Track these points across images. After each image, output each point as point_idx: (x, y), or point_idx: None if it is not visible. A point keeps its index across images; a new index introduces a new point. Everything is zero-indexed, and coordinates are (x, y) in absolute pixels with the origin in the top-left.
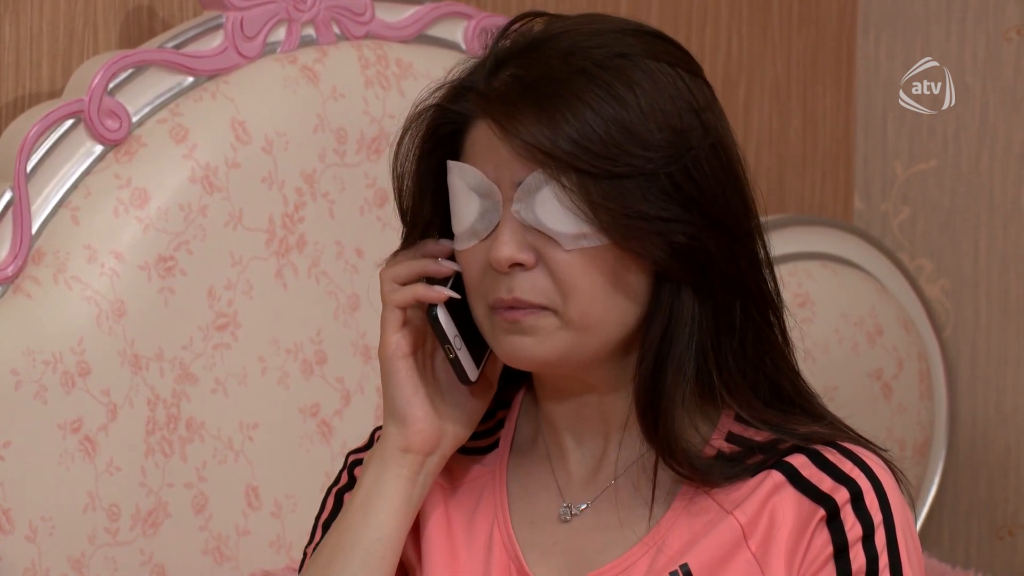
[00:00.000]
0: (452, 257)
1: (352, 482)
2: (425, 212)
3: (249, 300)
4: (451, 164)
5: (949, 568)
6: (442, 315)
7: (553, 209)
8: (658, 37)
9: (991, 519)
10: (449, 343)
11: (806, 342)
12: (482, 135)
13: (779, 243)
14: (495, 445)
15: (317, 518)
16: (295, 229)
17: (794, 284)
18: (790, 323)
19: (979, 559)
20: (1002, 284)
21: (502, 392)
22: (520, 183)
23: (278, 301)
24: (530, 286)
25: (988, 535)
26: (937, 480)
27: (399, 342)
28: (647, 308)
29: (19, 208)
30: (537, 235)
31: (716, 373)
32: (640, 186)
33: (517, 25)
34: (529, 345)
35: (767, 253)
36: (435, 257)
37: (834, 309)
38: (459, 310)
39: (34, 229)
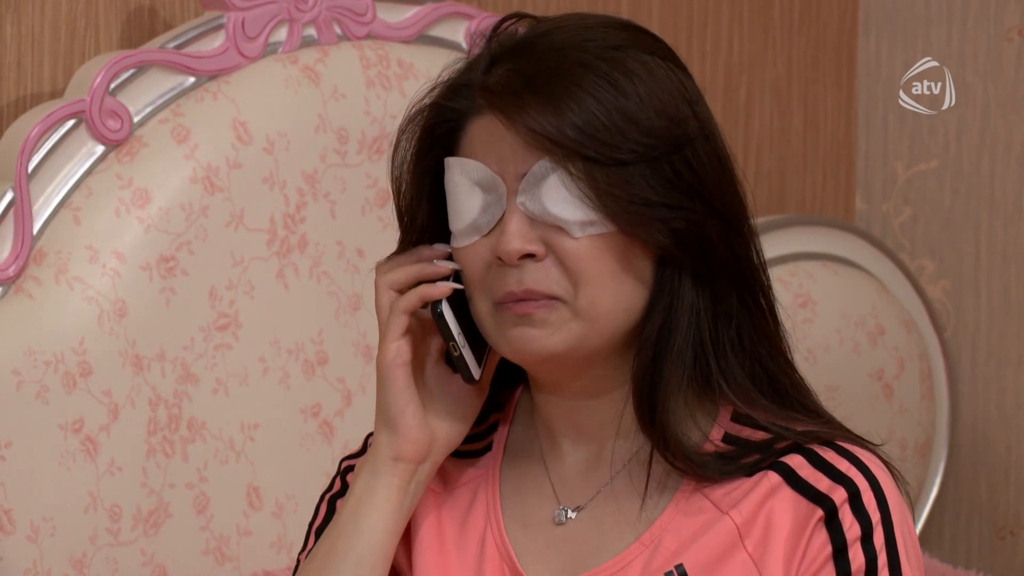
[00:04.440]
0: (448, 259)
1: (345, 488)
2: (422, 213)
3: (250, 300)
4: (451, 160)
5: (950, 568)
6: (447, 312)
7: (560, 197)
8: (646, 33)
9: (992, 519)
10: (454, 340)
11: (807, 342)
12: (482, 130)
13: (780, 243)
14: (488, 448)
15: (310, 525)
16: (296, 229)
17: (795, 284)
18: (788, 324)
19: (980, 560)
20: (1003, 284)
21: (495, 395)
22: (525, 174)
23: (279, 301)
24: (541, 276)
25: (989, 535)
26: (938, 480)
27: (400, 349)
28: (651, 297)
29: (20, 208)
30: (544, 227)
31: (714, 362)
32: (643, 173)
33: (505, 25)
34: (538, 337)
35: (760, 253)
36: (430, 260)
37: (835, 309)
38: (457, 312)
39: (35, 229)
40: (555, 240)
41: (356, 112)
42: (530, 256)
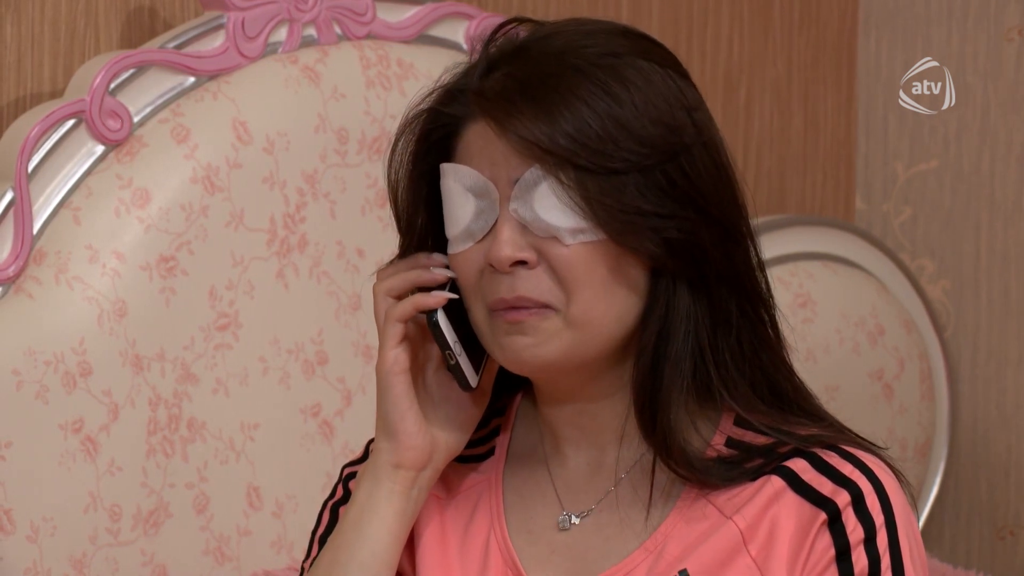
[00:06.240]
0: (445, 267)
1: (347, 496)
2: (419, 219)
3: (250, 300)
4: (445, 166)
5: (950, 568)
6: (442, 321)
7: (551, 205)
8: (646, 39)
9: (992, 519)
10: (450, 349)
11: (807, 342)
12: (476, 136)
13: (780, 243)
14: (491, 453)
15: (313, 532)
16: (296, 229)
17: (795, 284)
18: (786, 326)
19: (980, 559)
20: (1003, 284)
21: (496, 399)
22: (517, 180)
23: (279, 301)
24: (534, 284)
25: (989, 535)
26: (938, 480)
27: (398, 357)
28: (645, 305)
29: (20, 208)
30: (536, 234)
31: (714, 370)
32: (636, 182)
33: (505, 29)
34: (530, 346)
35: (759, 256)
36: (427, 268)
37: (835, 309)
38: (455, 319)
39: (35, 229)
40: (547, 247)
41: (356, 112)
42: (522, 263)
